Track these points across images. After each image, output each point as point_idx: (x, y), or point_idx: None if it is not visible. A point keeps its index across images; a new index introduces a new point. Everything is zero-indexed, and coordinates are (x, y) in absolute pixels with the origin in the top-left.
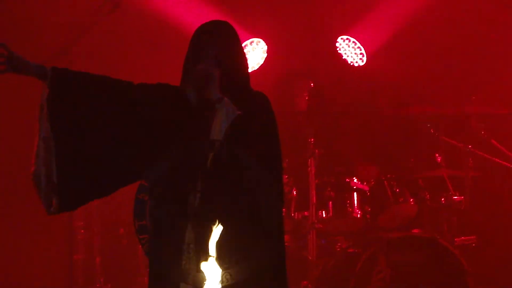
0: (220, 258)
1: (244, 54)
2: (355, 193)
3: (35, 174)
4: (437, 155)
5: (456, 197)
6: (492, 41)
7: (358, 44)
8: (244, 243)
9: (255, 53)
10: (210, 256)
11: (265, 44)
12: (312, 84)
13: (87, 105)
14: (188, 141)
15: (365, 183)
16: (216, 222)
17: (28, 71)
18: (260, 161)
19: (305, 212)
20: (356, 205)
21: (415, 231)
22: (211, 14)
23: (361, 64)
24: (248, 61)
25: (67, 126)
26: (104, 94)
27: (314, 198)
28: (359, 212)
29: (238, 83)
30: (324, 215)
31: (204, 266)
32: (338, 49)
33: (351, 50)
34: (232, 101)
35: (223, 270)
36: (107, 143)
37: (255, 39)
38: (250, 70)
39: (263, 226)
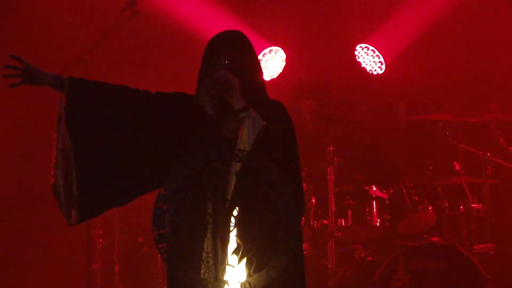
0: (239, 267)
1: (258, 62)
2: (374, 201)
3: (55, 186)
4: (455, 163)
5: (474, 205)
6: (511, 49)
7: (377, 52)
8: (263, 252)
9: (274, 61)
10: (229, 265)
11: (284, 52)
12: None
13: (105, 115)
14: (208, 150)
15: (384, 191)
16: (235, 231)
17: (44, 82)
18: (280, 170)
19: (324, 221)
20: (375, 213)
21: (434, 239)
22: (229, 23)
23: (380, 72)
24: (264, 70)
25: (85, 136)
26: (122, 103)
27: (333, 206)
28: (378, 220)
29: (255, 91)
30: (343, 223)
31: (223, 274)
32: (357, 57)
33: (370, 58)
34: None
35: (242, 279)
36: (126, 153)
37: (274, 48)
38: (269, 79)
39: (282, 235)
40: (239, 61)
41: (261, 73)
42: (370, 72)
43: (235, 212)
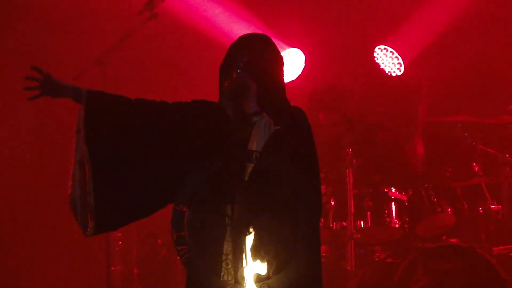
0: (258, 269)
1: (281, 66)
2: (393, 203)
3: (71, 197)
4: (474, 164)
5: (493, 206)
6: None
7: (396, 54)
8: (281, 254)
9: (293, 63)
10: (248, 267)
11: (302, 54)
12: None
13: (123, 127)
14: (226, 153)
15: (403, 193)
16: (254, 233)
17: (63, 94)
18: (298, 173)
19: (344, 222)
20: (394, 215)
21: (453, 240)
22: (248, 25)
23: (399, 73)
24: (286, 73)
25: (104, 148)
26: (139, 115)
27: (353, 208)
28: (397, 222)
29: (273, 95)
30: (362, 225)
31: (242, 277)
32: (375, 59)
33: (388, 60)
34: (269, 114)
35: (261, 281)
36: (144, 165)
37: (293, 49)
38: (288, 81)
39: (300, 237)
40: (259, 64)
41: (282, 77)
42: (389, 73)
43: (252, 214)
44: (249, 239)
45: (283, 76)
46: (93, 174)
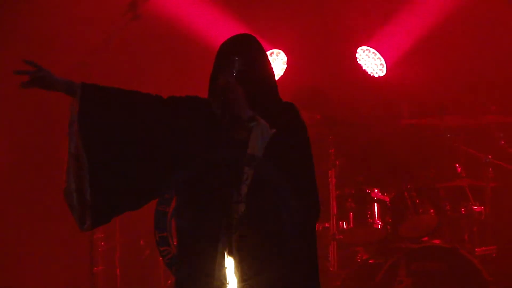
0: (240, 270)
1: (270, 64)
2: (375, 204)
3: (67, 191)
4: (457, 165)
5: (476, 207)
6: None
7: (378, 55)
8: (263, 256)
9: (275, 64)
10: (231, 267)
11: (285, 55)
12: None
13: (117, 119)
14: (220, 155)
15: (385, 194)
16: (239, 233)
17: (56, 87)
18: (296, 176)
19: (326, 223)
20: (376, 216)
21: (436, 241)
22: (231, 25)
23: (381, 75)
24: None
25: (98, 141)
26: (134, 108)
27: (335, 209)
28: (380, 223)
29: (267, 95)
30: (345, 226)
31: (223, 277)
32: (358, 60)
33: (371, 61)
34: (263, 116)
35: (243, 282)
36: (139, 157)
37: (275, 50)
38: None
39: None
40: (250, 65)
41: (273, 76)
42: (372, 74)
43: (248, 219)
44: (235, 240)
45: (273, 75)
46: (88, 167)
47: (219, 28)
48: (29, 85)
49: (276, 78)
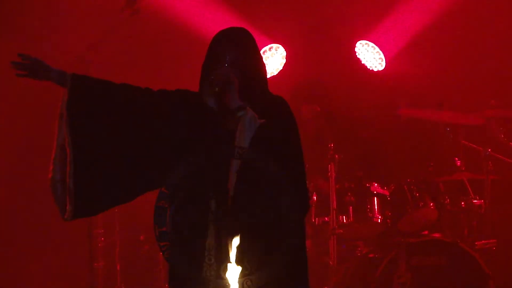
0: (240, 265)
1: (261, 59)
2: (375, 198)
3: (52, 181)
4: (456, 159)
5: (476, 201)
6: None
7: (377, 49)
8: (264, 249)
9: (274, 59)
10: (231, 262)
11: (284, 50)
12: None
13: (107, 112)
14: (209, 147)
15: (385, 188)
16: (237, 228)
17: (48, 77)
18: (283, 168)
19: (326, 218)
20: (376, 210)
21: (436, 235)
22: (230, 20)
23: (380, 68)
24: (267, 66)
25: (86, 133)
26: (124, 101)
27: (335, 203)
28: (380, 217)
29: (257, 88)
30: (344, 220)
31: (224, 272)
32: (357, 53)
33: (370, 55)
34: (253, 108)
35: (243, 276)
36: (127, 150)
37: (274, 45)
38: (269, 76)
39: (284, 232)
40: (242, 58)
41: (264, 70)
42: (371, 68)
43: (236, 210)
44: (233, 234)
45: (264, 68)
46: (74, 158)
47: (218, 24)
48: (24, 75)
49: (276, 72)
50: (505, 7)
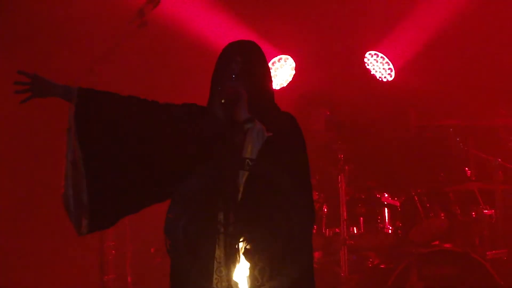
0: (250, 276)
1: (269, 72)
2: (386, 209)
3: (65, 196)
4: (466, 168)
5: (486, 211)
6: None
7: (386, 59)
8: (275, 260)
9: (283, 70)
10: (241, 274)
11: (293, 61)
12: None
13: (114, 125)
14: (218, 159)
15: (395, 199)
16: (247, 240)
17: (53, 93)
18: (291, 180)
19: (336, 229)
20: (387, 220)
21: (447, 245)
22: (239, 32)
23: (390, 79)
24: (274, 78)
25: (95, 146)
26: (131, 113)
27: (345, 214)
28: (390, 228)
29: (264, 102)
30: (355, 231)
31: (236, 284)
32: (366, 64)
33: (379, 66)
34: (261, 120)
35: (253, 287)
36: (136, 162)
37: (283, 56)
38: (278, 87)
39: (294, 244)
40: (250, 72)
41: (271, 83)
42: (380, 79)
43: (246, 221)
44: (242, 246)
45: (272, 82)
46: (86, 173)
47: (227, 36)
48: (28, 99)
49: (285, 83)
50: None
